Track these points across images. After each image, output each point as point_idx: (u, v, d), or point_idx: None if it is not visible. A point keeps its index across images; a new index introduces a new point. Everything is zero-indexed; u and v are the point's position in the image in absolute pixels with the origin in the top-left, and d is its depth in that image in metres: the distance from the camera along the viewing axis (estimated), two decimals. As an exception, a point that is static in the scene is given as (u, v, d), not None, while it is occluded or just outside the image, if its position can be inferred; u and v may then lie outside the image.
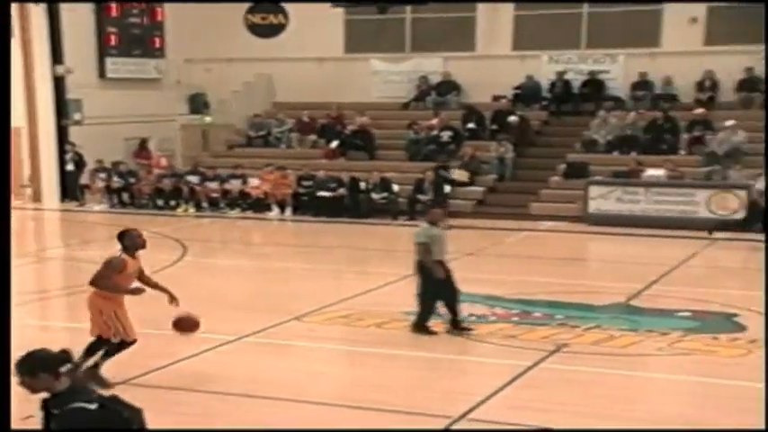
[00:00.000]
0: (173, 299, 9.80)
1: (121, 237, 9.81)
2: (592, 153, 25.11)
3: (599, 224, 22.15)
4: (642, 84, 26.88)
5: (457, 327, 11.86)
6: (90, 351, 9.58)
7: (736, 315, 12.89)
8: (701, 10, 26.30)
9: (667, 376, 10.60)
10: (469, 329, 11.93)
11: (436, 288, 11.70)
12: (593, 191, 22.78)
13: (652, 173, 23.10)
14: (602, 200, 22.64)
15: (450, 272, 11.93)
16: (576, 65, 27.83)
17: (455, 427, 8.43)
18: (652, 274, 15.71)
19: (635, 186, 22.67)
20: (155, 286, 9.95)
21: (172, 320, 9.72)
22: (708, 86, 26.12)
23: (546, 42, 28.12)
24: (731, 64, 25.67)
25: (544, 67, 28.03)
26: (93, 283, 9.60)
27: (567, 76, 27.57)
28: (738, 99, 25.83)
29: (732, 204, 21.62)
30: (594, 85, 27.32)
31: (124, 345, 9.65)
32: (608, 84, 27.39)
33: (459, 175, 24.56)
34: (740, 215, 21.43)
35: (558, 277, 16.38)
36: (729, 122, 23.84)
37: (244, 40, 28.43)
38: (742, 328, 12.25)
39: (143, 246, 9.86)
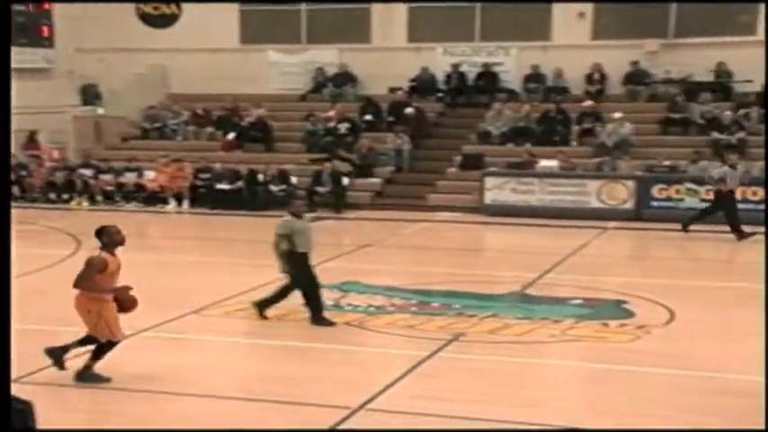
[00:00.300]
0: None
1: (99, 234, 9.51)
2: (487, 144, 25.49)
3: (495, 215, 22.51)
4: (534, 76, 27.36)
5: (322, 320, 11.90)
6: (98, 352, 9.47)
7: (625, 302, 13.25)
8: (587, 6, 26.89)
9: (559, 362, 10.84)
10: (332, 323, 11.94)
11: (299, 278, 11.72)
12: (489, 182, 23.13)
13: (545, 164, 23.56)
14: (498, 191, 23.01)
15: (311, 266, 11.99)
16: (470, 57, 28.15)
17: (354, 417, 8.51)
18: (546, 264, 16.05)
19: (529, 177, 23.10)
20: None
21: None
22: (596, 79, 26.74)
23: (440, 35, 28.40)
24: (618, 58, 26.35)
25: (439, 60, 28.31)
26: (76, 284, 9.33)
27: (462, 69, 27.88)
28: (625, 92, 26.51)
29: (621, 194, 22.21)
30: (489, 78, 27.69)
31: (112, 345, 9.47)
32: (502, 76, 27.79)
33: (341, 167, 24.58)
34: (629, 205, 22.02)
35: (456, 267, 16.62)
36: (617, 114, 24.45)
37: (137, 30, 28.08)
38: (631, 314, 12.60)
39: (122, 242, 9.62)
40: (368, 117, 26.95)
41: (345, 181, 24.12)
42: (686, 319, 12.31)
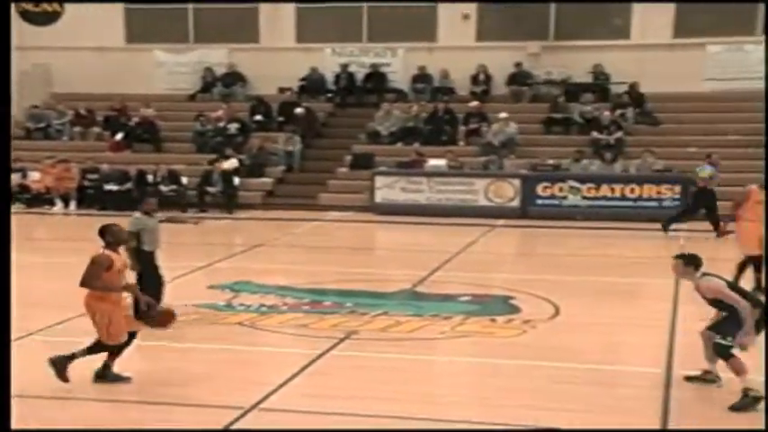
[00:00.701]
0: None
1: (103, 233, 9.43)
2: (376, 144, 25.66)
3: (385, 213, 22.66)
4: (421, 77, 27.64)
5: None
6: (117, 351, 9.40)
7: (512, 298, 13.48)
8: (472, 8, 27.28)
9: (450, 358, 10.95)
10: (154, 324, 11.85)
11: (147, 277, 11.67)
12: (379, 181, 23.28)
13: (434, 163, 23.83)
14: (388, 189, 23.17)
15: (158, 265, 11.94)
16: (358, 58, 28.30)
17: (247, 416, 8.49)
18: (435, 261, 16.22)
19: (418, 176, 23.32)
20: None
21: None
22: (482, 80, 27.15)
23: (329, 35, 28.47)
24: (502, 59, 26.81)
25: (328, 60, 28.37)
26: (83, 283, 9.20)
27: (351, 69, 28.02)
28: (509, 92, 26.99)
29: (508, 192, 22.60)
30: (377, 78, 27.88)
31: (103, 347, 9.35)
32: (390, 76, 28.02)
33: (228, 164, 24.46)
34: (515, 203, 22.42)
35: (347, 266, 16.69)
36: (503, 114, 24.87)
37: (19, 28, 27.36)
38: (517, 309, 12.80)
39: (126, 241, 9.64)
40: (258, 117, 26.86)
41: (236, 181, 23.99)
42: (570, 314, 12.59)
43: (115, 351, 9.41)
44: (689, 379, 9.58)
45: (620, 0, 26.41)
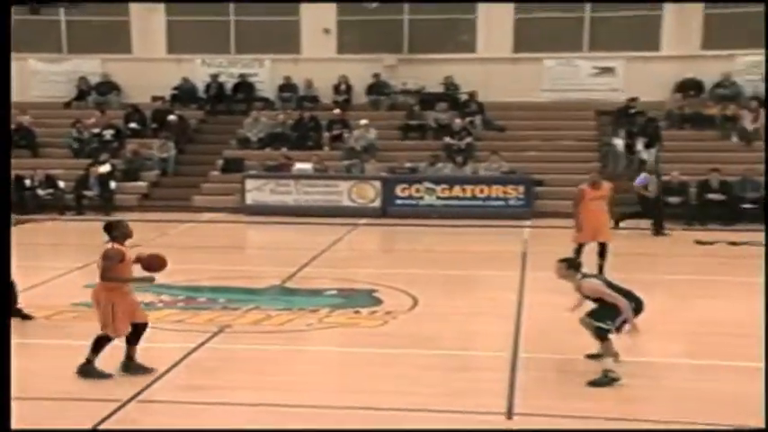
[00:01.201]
0: None
1: (111, 228, 9.45)
2: (246, 149, 25.47)
3: (256, 214, 22.52)
4: (287, 86, 27.58)
5: (19, 314, 11.48)
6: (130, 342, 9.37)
7: (375, 291, 13.57)
8: (332, 23, 27.36)
9: (318, 348, 10.96)
10: (30, 317, 11.63)
11: None
12: (249, 184, 23.12)
13: (300, 166, 23.79)
14: (258, 192, 23.03)
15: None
16: (227, 68, 28.07)
17: (125, 409, 8.32)
18: (303, 258, 16.20)
19: (286, 179, 23.25)
20: None
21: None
22: (343, 90, 27.25)
23: (199, 47, 28.13)
24: (361, 70, 26.98)
25: (198, 70, 28.07)
26: (103, 278, 9.18)
27: (221, 79, 27.78)
28: (369, 101, 27.18)
29: (369, 194, 22.75)
30: (245, 87, 27.70)
31: (109, 339, 9.33)
32: (257, 86, 27.88)
33: (102, 168, 23.88)
34: (376, 203, 22.59)
35: (221, 264, 16.52)
36: (363, 121, 25.03)
37: None
38: (380, 302, 12.89)
39: (131, 235, 9.59)
40: (132, 125, 26.34)
41: (113, 185, 23.50)
42: (428, 305, 12.76)
43: (132, 342, 9.41)
44: (590, 356, 9.83)
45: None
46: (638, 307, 9.39)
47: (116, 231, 9.44)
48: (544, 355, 10.17)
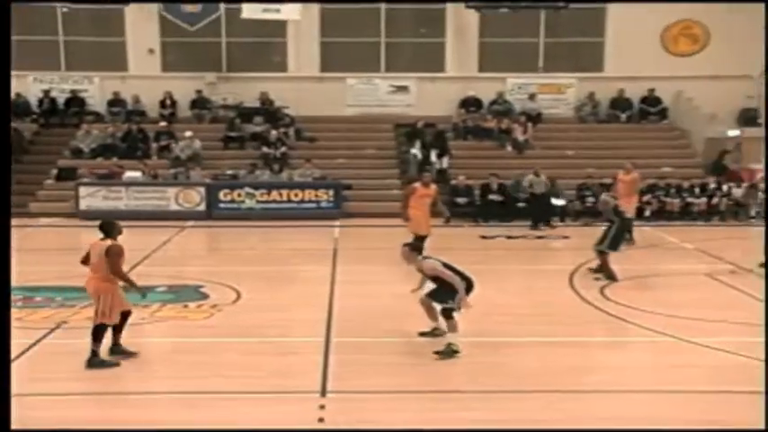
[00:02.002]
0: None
1: (108, 227, 9.72)
2: (79, 159, 24.56)
3: (89, 219, 21.57)
4: (116, 101, 26.81)
5: None
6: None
7: (202, 286, 13.49)
8: (156, 44, 26.81)
9: (150, 340, 10.80)
10: None
11: None
12: (83, 191, 22.36)
13: (130, 174, 23.18)
14: (91, 198, 22.30)
15: None
16: (58, 84, 27.00)
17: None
18: (136, 258, 15.72)
19: (117, 186, 22.63)
20: None
21: None
22: (168, 104, 26.72)
23: (30, 64, 26.75)
24: (185, 87, 26.55)
25: (31, 86, 26.88)
26: (116, 273, 9.36)
27: (53, 94, 26.68)
28: (193, 115, 26.79)
29: (195, 198, 22.47)
30: (77, 102, 26.73)
31: (106, 327, 9.43)
32: (88, 101, 26.95)
33: None
34: (201, 207, 22.32)
35: (57, 265, 15.86)
36: (188, 133, 24.65)
37: None
38: (206, 296, 12.84)
39: (122, 232, 9.80)
40: (-33, 136, 24.88)
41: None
42: (250, 298, 12.82)
43: (118, 329, 9.57)
44: (422, 334, 10.21)
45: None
46: (469, 286, 9.87)
47: (113, 230, 9.73)
48: (353, 339, 10.46)
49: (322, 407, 8.10)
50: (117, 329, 9.61)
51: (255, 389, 8.58)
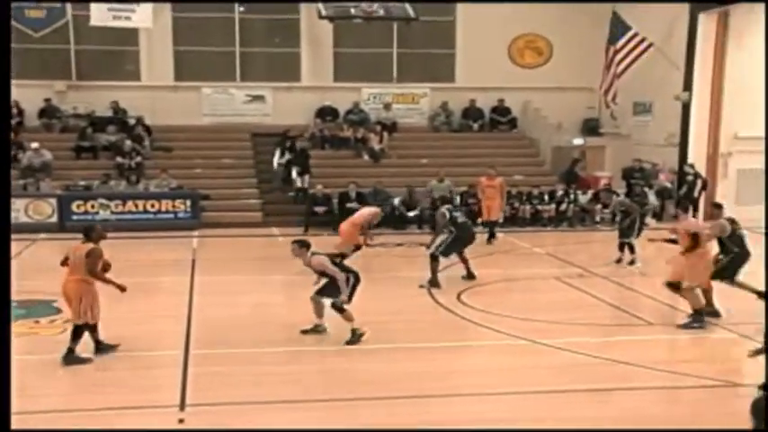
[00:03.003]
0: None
1: (90, 230, 10.38)
2: None
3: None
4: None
5: None
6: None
7: (54, 301, 12.96)
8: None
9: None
10: None
11: None
12: None
13: (-26, 186, 21.99)
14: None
15: None
16: None
17: None
18: (-19, 274, 15.09)
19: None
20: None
21: None
22: (15, 114, 25.54)
23: None
24: (33, 95, 25.32)
25: None
26: (93, 273, 9.97)
27: None
28: (41, 124, 25.74)
29: (46, 210, 21.61)
30: None
31: (87, 326, 10.01)
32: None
33: None
34: (53, 219, 21.47)
35: None
36: (34, 144, 23.55)
37: None
38: (59, 311, 12.38)
39: (105, 237, 10.48)
40: None
41: None
42: (108, 310, 12.21)
43: (95, 329, 10.14)
44: (304, 332, 10.68)
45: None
46: (356, 281, 10.64)
47: (94, 234, 10.38)
48: (212, 351, 10.33)
49: (181, 420, 7.97)
50: (93, 329, 10.14)
51: (114, 404, 8.35)
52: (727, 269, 11.97)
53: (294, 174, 23.57)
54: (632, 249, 16.37)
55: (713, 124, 23.39)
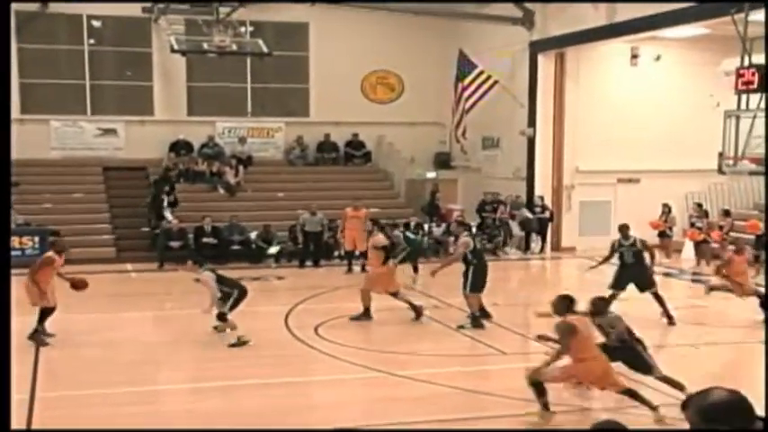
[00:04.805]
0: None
1: (52, 241, 13.25)
2: None
3: None
4: None
5: None
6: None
7: None
8: None
9: None
10: None
11: None
12: None
13: None
14: None
15: None
16: None
17: None
18: None
19: None
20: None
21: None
22: None
23: None
24: None
25: None
26: (30, 273, 12.19)
27: None
28: None
29: None
30: None
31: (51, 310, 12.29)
32: None
33: None
34: None
35: None
36: None
37: None
38: None
39: (66, 249, 13.04)
40: None
41: None
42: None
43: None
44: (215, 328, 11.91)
45: None
46: (241, 294, 12.19)
47: (54, 244, 13.07)
48: (59, 393, 9.78)
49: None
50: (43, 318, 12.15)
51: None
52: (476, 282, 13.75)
53: (166, 207, 22.86)
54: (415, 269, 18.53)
55: (556, 158, 24.37)
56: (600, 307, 9.50)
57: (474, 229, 23.36)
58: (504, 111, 24.97)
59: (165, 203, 22.92)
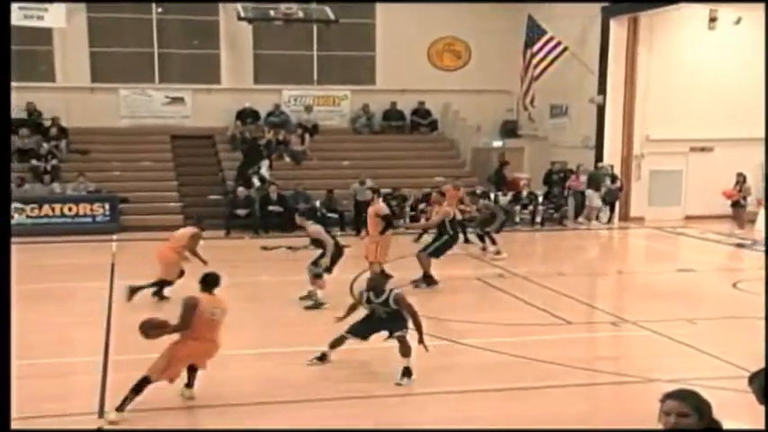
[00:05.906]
0: None
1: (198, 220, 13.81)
2: None
3: None
4: None
5: None
6: None
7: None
8: None
9: None
10: None
11: None
12: None
13: None
14: None
15: None
16: None
17: None
18: None
19: None
20: None
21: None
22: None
23: None
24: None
25: None
26: None
27: None
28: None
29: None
30: None
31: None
32: None
33: None
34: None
35: None
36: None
37: None
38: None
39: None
40: None
41: None
42: (23, 318, 11.91)
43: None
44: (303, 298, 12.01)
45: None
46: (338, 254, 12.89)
47: (201, 223, 14.09)
48: (132, 357, 10.10)
49: (100, 428, 7.79)
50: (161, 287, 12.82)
51: (30, 413, 8.08)
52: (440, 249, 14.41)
53: (263, 169, 23.34)
54: (493, 240, 18.06)
55: (626, 127, 23.99)
56: None
57: (540, 198, 23.28)
58: (574, 78, 24.64)
59: (263, 169, 23.41)
